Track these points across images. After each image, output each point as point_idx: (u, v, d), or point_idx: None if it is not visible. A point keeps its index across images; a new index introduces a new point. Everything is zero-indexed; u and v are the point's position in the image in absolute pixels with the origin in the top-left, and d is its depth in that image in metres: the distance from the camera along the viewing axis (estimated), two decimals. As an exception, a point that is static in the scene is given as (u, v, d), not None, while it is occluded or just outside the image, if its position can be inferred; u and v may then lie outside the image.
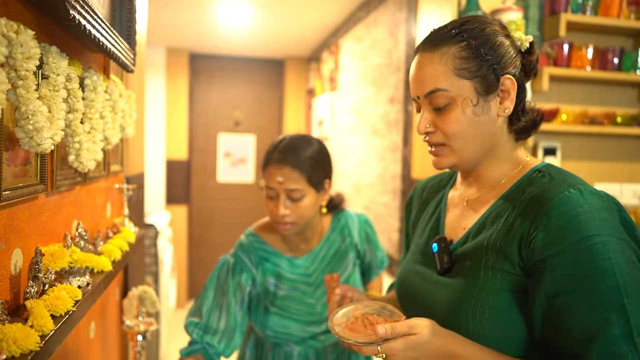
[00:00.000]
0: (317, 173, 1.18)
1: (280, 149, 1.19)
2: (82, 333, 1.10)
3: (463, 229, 0.82)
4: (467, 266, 0.76)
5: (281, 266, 1.26)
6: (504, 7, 1.81)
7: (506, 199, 0.77)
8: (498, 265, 0.71)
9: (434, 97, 0.76)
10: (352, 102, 3.19)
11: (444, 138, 0.77)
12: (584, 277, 0.64)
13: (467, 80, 0.74)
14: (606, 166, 2.15)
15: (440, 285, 0.79)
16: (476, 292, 0.72)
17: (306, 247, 1.29)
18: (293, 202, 1.16)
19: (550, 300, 0.66)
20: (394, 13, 2.48)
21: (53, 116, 0.74)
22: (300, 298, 1.23)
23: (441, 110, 0.76)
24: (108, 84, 1.11)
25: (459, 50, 0.75)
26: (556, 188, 0.69)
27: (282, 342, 1.23)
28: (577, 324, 0.64)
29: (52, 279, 0.77)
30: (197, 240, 4.58)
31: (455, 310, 0.74)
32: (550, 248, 0.66)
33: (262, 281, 1.24)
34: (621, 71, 2.01)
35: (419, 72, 0.78)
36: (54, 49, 0.76)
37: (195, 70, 4.51)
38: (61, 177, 0.90)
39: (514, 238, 0.70)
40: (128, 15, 1.17)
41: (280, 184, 1.15)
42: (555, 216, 0.66)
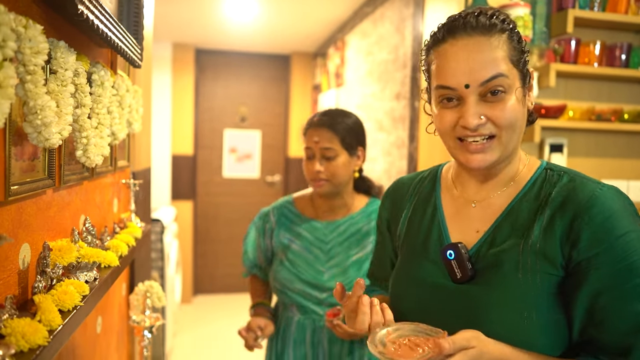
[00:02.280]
0: (350, 137, 1.32)
1: (319, 114, 1.36)
2: (89, 328, 1.11)
3: (476, 232, 0.78)
4: (500, 272, 0.72)
5: (298, 224, 1.40)
6: (511, 2, 1.79)
7: (524, 199, 0.75)
8: (538, 267, 0.70)
9: (495, 83, 0.70)
10: (358, 98, 3.18)
11: (495, 129, 0.72)
12: (626, 272, 0.66)
13: (516, 70, 0.73)
14: (613, 163, 2.14)
15: (464, 294, 0.75)
16: (519, 299, 0.70)
17: (330, 215, 1.40)
18: (327, 160, 1.30)
19: (594, 298, 0.68)
20: (401, 9, 2.46)
21: (61, 111, 0.74)
22: (311, 261, 1.34)
23: (497, 99, 0.71)
24: (115, 79, 1.11)
25: (509, 37, 0.73)
26: (585, 187, 0.71)
27: (286, 299, 1.34)
28: (623, 318, 0.66)
29: (60, 274, 0.78)
30: (203, 236, 4.59)
31: (501, 322, 0.70)
32: (595, 246, 0.67)
33: (277, 234, 1.41)
34: (629, 67, 1.99)
35: (475, 56, 0.70)
36: (62, 44, 0.76)
37: (201, 66, 4.51)
38: (69, 172, 0.91)
39: (554, 238, 0.70)
40: (135, 10, 1.17)
41: (316, 143, 1.31)
42: (595, 214, 0.68)
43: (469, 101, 0.71)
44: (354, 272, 1.32)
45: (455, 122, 0.73)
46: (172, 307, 3.18)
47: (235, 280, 4.67)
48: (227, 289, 4.66)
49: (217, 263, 4.64)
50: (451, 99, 0.73)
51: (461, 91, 0.72)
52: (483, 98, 0.71)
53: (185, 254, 4.32)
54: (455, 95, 0.73)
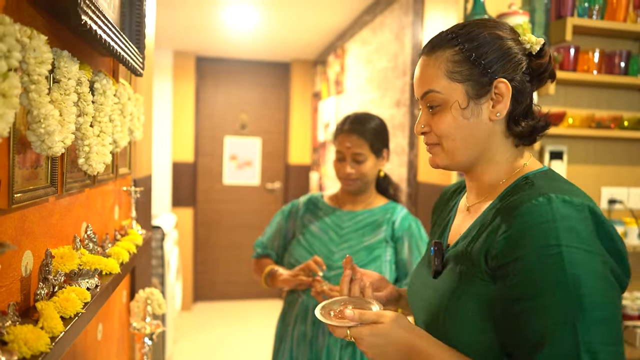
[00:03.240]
0: (378, 142, 1.46)
1: (350, 121, 1.48)
2: (90, 335, 1.11)
3: (459, 234, 0.84)
4: (450, 270, 0.79)
5: (322, 209, 1.55)
6: (510, 11, 1.81)
7: (491, 206, 0.77)
8: (471, 270, 0.74)
9: (427, 98, 0.79)
10: (358, 105, 3.19)
11: (436, 138, 0.80)
12: (540, 286, 0.63)
13: (458, 84, 0.76)
14: (613, 170, 2.14)
15: (430, 287, 0.83)
16: (451, 296, 0.75)
17: (352, 206, 1.53)
18: (357, 163, 1.44)
19: (508, 305, 0.66)
20: (400, 17, 2.48)
21: (64, 120, 0.75)
22: (326, 242, 1.47)
23: (434, 112, 0.79)
24: (117, 88, 1.12)
25: (452, 55, 0.76)
26: (527, 196, 0.68)
27: None
28: (530, 330, 0.64)
29: (62, 281, 0.78)
30: (203, 243, 4.59)
31: (433, 312, 0.78)
32: (509, 254, 0.66)
33: (301, 215, 1.56)
34: (628, 75, 2.00)
35: (417, 75, 0.82)
36: (65, 54, 0.77)
37: (202, 73, 4.54)
38: (71, 179, 0.92)
39: (482, 245, 0.72)
40: (137, 19, 1.18)
41: (348, 148, 1.44)
42: (517, 224, 0.66)
43: (422, 111, 0.82)
44: (364, 255, 1.42)
45: None
46: (172, 314, 3.17)
47: (235, 287, 4.66)
48: (227, 296, 4.65)
49: (218, 270, 4.63)
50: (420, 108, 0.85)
51: (420, 102, 0.83)
52: (429, 111, 0.80)
53: (185, 261, 4.32)
54: (420, 105, 0.84)
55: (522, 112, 0.77)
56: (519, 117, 0.77)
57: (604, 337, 0.60)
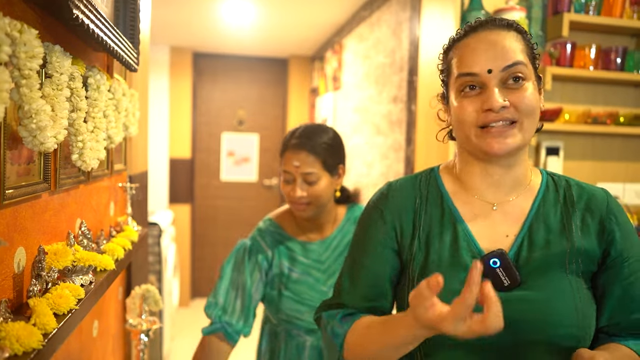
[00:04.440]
0: (331, 158, 1.26)
1: (297, 135, 1.26)
2: (85, 331, 1.11)
3: (506, 236, 0.77)
4: (548, 276, 0.74)
5: (295, 250, 1.31)
6: (507, 6, 1.80)
7: (545, 202, 0.80)
8: (582, 267, 0.77)
9: (516, 69, 0.73)
10: (356, 101, 3.19)
11: (517, 115, 0.73)
12: None
13: (530, 64, 0.77)
14: (609, 166, 2.15)
15: (517, 300, 0.73)
16: (574, 298, 0.74)
17: (320, 234, 1.34)
18: (309, 185, 1.23)
19: (627, 287, 0.77)
20: (398, 12, 2.48)
21: (56, 115, 0.75)
22: (312, 284, 1.28)
23: (518, 86, 0.74)
24: (111, 83, 1.11)
25: (522, 37, 0.78)
26: (596, 190, 0.81)
27: (294, 328, 1.27)
28: None
29: (55, 278, 0.78)
30: (201, 239, 4.59)
31: (561, 322, 0.72)
32: (625, 242, 0.78)
33: (277, 263, 1.30)
34: (624, 71, 2.00)
35: (497, 45, 0.74)
36: (57, 48, 0.76)
37: (199, 69, 4.52)
38: (64, 175, 0.91)
39: (591, 238, 0.78)
40: (132, 14, 1.17)
41: (297, 167, 1.23)
42: (618, 214, 0.79)
43: (492, 85, 0.73)
44: None
45: (478, 110, 0.74)
46: (169, 311, 3.17)
47: (233, 283, 4.66)
48: (225, 292, 4.65)
49: (215, 267, 4.63)
50: (473, 87, 0.75)
51: (484, 77, 0.73)
52: (504, 85, 0.74)
53: (183, 257, 4.32)
54: (478, 82, 0.74)
55: None
56: None
57: None
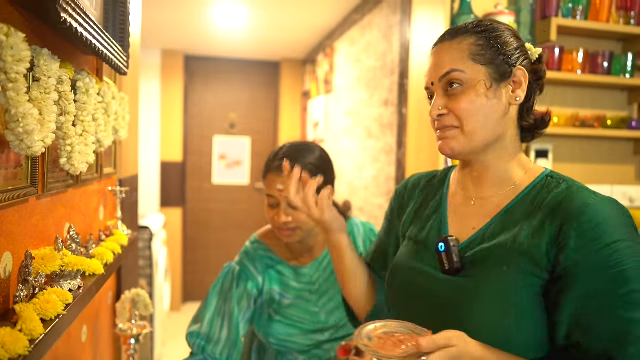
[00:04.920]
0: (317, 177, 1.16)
1: (280, 156, 1.17)
2: (73, 337, 1.10)
3: (472, 228, 0.82)
4: (486, 267, 0.76)
5: (286, 275, 1.25)
6: (496, 11, 1.82)
7: (522, 201, 0.78)
8: (523, 266, 0.73)
9: (450, 77, 0.78)
10: (347, 104, 3.20)
11: (456, 120, 0.78)
12: (613, 280, 0.67)
13: (481, 66, 0.78)
14: (597, 168, 2.17)
15: (450, 285, 0.78)
16: (502, 294, 0.73)
17: (310, 255, 1.28)
18: (294, 209, 1.13)
19: (581, 302, 0.69)
20: (389, 16, 2.49)
21: (44, 119, 0.74)
22: (304, 306, 1.22)
23: (455, 92, 0.78)
24: (101, 87, 1.11)
25: (475, 40, 0.79)
26: (580, 194, 0.74)
27: (285, 350, 1.22)
28: (610, 325, 0.67)
29: (43, 283, 0.77)
30: (192, 243, 4.57)
31: (482, 313, 0.73)
32: (581, 252, 0.69)
33: (268, 290, 1.24)
34: (611, 75, 2.02)
35: (437, 58, 0.81)
36: (45, 52, 0.76)
37: (191, 72, 4.51)
38: (53, 179, 0.90)
39: (541, 241, 0.73)
40: (121, 18, 1.17)
41: (281, 191, 1.14)
42: (584, 221, 0.70)
43: (436, 96, 0.81)
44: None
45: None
46: (160, 315, 3.15)
47: (225, 287, 4.64)
48: (217, 296, 4.63)
49: (207, 270, 4.61)
50: (431, 97, 0.84)
51: (432, 89, 0.83)
52: (446, 92, 0.79)
53: (174, 261, 4.29)
54: (431, 93, 0.83)
55: (529, 107, 0.84)
56: (528, 110, 0.83)
57: None
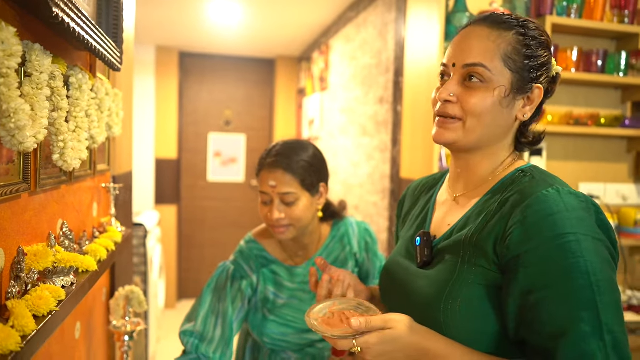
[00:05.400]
0: (311, 176, 1.18)
1: (273, 153, 1.18)
2: (67, 333, 1.10)
3: (448, 225, 0.83)
4: (445, 259, 0.78)
5: (281, 275, 1.25)
6: (491, 8, 1.83)
7: (489, 197, 0.78)
8: (474, 259, 0.73)
9: (474, 70, 0.75)
10: (342, 102, 3.19)
11: (460, 112, 0.76)
12: (557, 274, 0.64)
13: (508, 71, 0.75)
14: (590, 166, 2.19)
15: (419, 277, 0.81)
16: (450, 284, 0.73)
17: (305, 254, 1.28)
18: (287, 206, 1.15)
19: (524, 297, 0.66)
20: (384, 14, 2.49)
21: (36, 114, 0.74)
22: (298, 306, 1.22)
23: (472, 86, 0.75)
24: (94, 83, 1.10)
25: (515, 40, 0.75)
26: (534, 187, 0.71)
27: (279, 349, 1.22)
28: (549, 320, 0.64)
29: (35, 279, 0.77)
30: (187, 240, 4.56)
31: (429, 301, 0.75)
32: (525, 244, 0.67)
33: (262, 289, 1.24)
34: (605, 73, 2.04)
35: (468, 41, 0.76)
36: (37, 47, 0.75)
37: (185, 69, 4.49)
38: (45, 176, 0.90)
39: (490, 234, 0.72)
40: (115, 13, 1.16)
41: (273, 187, 1.15)
42: (530, 214, 0.67)
43: (452, 79, 0.78)
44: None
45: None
46: (155, 313, 3.15)
47: (220, 284, 4.63)
48: (212, 293, 4.62)
49: (202, 268, 4.60)
50: (444, 77, 0.80)
51: (450, 68, 0.78)
52: (464, 82, 0.77)
53: (169, 258, 4.28)
54: (447, 72, 0.79)
55: (529, 124, 0.82)
56: (526, 126, 0.82)
57: (617, 318, 0.63)
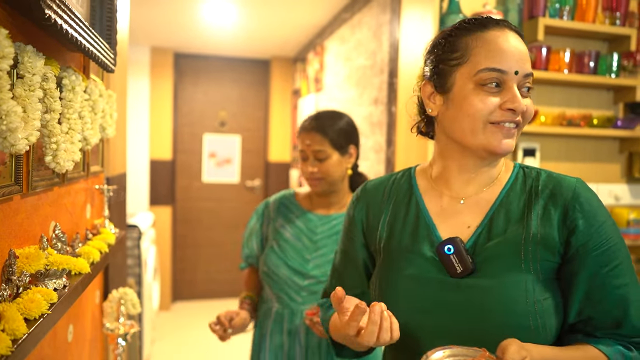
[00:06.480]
0: (340, 138, 1.40)
1: (311, 118, 1.44)
2: (59, 336, 1.09)
3: (467, 227, 0.81)
4: (498, 263, 0.76)
5: (294, 212, 1.48)
6: (484, 10, 1.84)
7: (511, 193, 0.81)
8: (538, 256, 0.75)
9: (529, 80, 0.78)
10: (337, 102, 3.20)
11: (521, 121, 0.78)
12: (610, 254, 0.74)
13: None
14: (583, 167, 2.20)
15: (464, 287, 0.76)
16: (527, 287, 0.74)
17: (326, 210, 1.47)
18: (319, 161, 1.39)
19: (591, 279, 0.75)
20: (378, 15, 2.50)
21: (28, 116, 0.73)
22: (299, 249, 1.43)
23: (527, 94, 0.79)
24: (87, 84, 1.10)
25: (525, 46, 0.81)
26: (566, 179, 0.79)
27: (271, 284, 1.42)
28: (613, 295, 0.74)
29: (27, 282, 0.76)
30: (182, 241, 4.54)
31: (511, 310, 0.73)
32: (589, 232, 0.75)
33: (274, 221, 1.48)
34: (597, 74, 2.05)
35: (522, 50, 0.78)
36: (29, 48, 0.75)
37: (180, 70, 4.48)
38: (38, 178, 0.89)
39: (551, 227, 0.76)
40: (108, 14, 1.16)
41: (308, 146, 1.40)
42: (583, 203, 0.76)
43: (511, 87, 0.75)
44: None
45: (496, 106, 0.76)
46: (149, 314, 3.13)
47: (215, 286, 4.62)
48: (207, 295, 4.61)
49: (197, 269, 4.59)
50: (497, 84, 0.76)
51: (509, 76, 0.75)
52: (519, 90, 0.77)
53: (163, 260, 4.27)
54: (502, 79, 0.75)
55: None
56: None
57: None
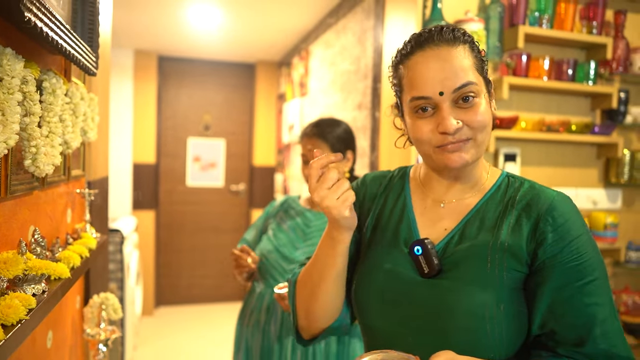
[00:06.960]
0: (339, 144, 1.55)
1: (313, 124, 1.59)
2: (38, 343, 1.07)
3: (444, 230, 0.82)
4: (464, 266, 0.76)
5: (294, 208, 1.64)
6: (466, 18, 1.87)
7: (491, 201, 0.81)
8: (505, 264, 0.75)
9: (467, 89, 0.75)
10: (322, 107, 3.21)
11: (470, 133, 0.76)
12: (581, 270, 0.73)
13: (480, 76, 0.78)
14: (562, 172, 2.25)
15: (430, 287, 0.77)
16: (489, 292, 0.73)
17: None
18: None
19: (556, 293, 0.73)
20: (362, 21, 2.52)
21: (7, 120, 0.72)
22: (292, 239, 1.57)
23: (469, 104, 0.75)
24: (69, 87, 1.09)
25: (471, 49, 0.78)
26: (545, 192, 0.78)
27: (260, 266, 1.56)
28: (579, 312, 0.72)
29: (5, 287, 0.75)
30: (165, 246, 4.49)
31: (471, 312, 0.73)
32: (558, 245, 0.74)
33: (275, 214, 1.66)
34: (575, 82, 2.10)
35: (446, 64, 0.75)
36: (8, 51, 0.74)
37: (164, 73, 4.44)
38: (17, 181, 0.88)
39: (520, 237, 0.76)
40: (90, 17, 1.15)
41: (309, 150, 1.54)
42: (557, 217, 0.75)
43: (445, 107, 0.75)
44: None
45: (433, 131, 0.76)
46: (132, 320, 3.09)
47: (199, 290, 4.58)
48: (191, 300, 4.57)
49: (181, 274, 4.54)
50: (426, 109, 0.76)
51: (436, 99, 0.75)
52: (456, 104, 0.75)
53: (147, 264, 4.21)
54: (431, 104, 0.76)
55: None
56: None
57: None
